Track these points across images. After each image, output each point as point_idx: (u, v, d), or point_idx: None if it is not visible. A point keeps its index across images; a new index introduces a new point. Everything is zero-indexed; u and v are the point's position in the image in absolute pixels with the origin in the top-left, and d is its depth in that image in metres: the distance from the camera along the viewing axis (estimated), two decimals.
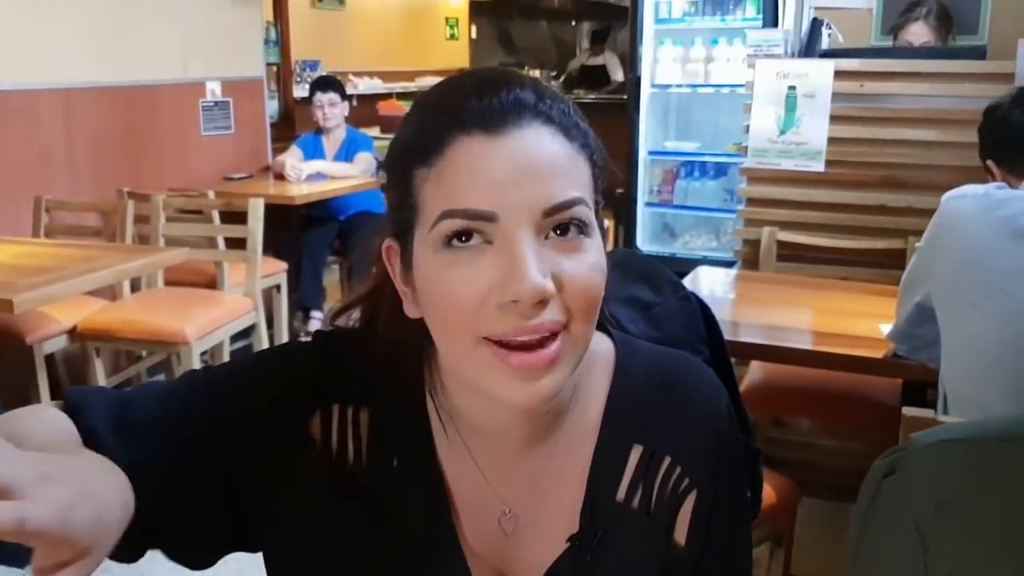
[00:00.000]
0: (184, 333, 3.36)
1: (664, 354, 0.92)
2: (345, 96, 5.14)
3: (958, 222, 1.90)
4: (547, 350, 0.73)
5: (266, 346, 3.49)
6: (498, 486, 0.86)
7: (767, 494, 1.96)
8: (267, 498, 0.85)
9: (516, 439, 0.85)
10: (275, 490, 0.85)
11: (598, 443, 0.87)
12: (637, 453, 0.87)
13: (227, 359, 3.60)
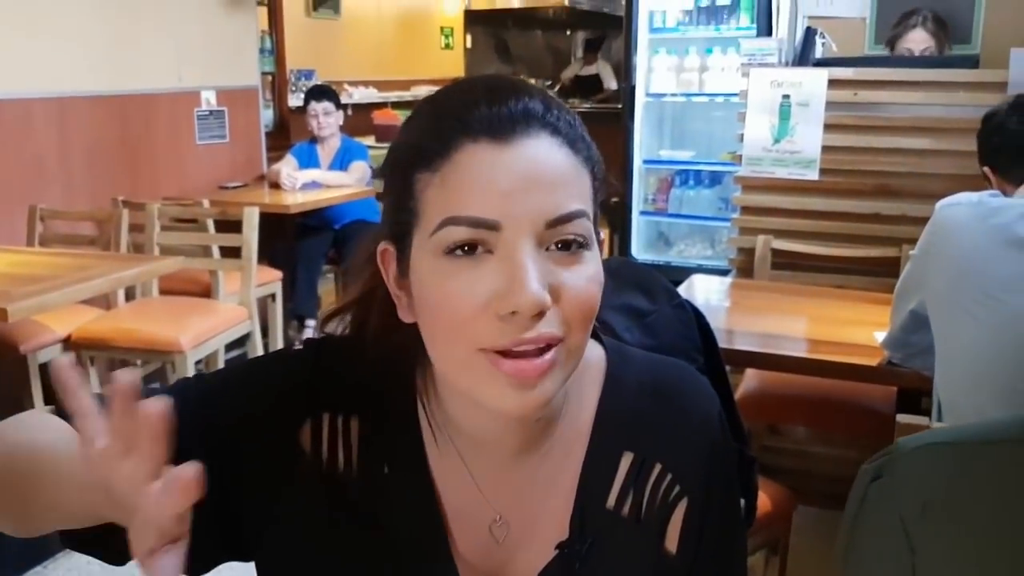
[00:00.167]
0: (179, 342, 3.35)
1: (657, 361, 0.92)
2: (340, 105, 5.15)
3: (952, 230, 1.91)
4: (542, 359, 0.73)
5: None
6: (489, 494, 0.86)
7: (762, 502, 1.96)
8: (258, 506, 0.84)
9: (508, 447, 0.85)
10: (266, 498, 0.84)
11: (588, 450, 0.87)
12: (628, 460, 0.86)
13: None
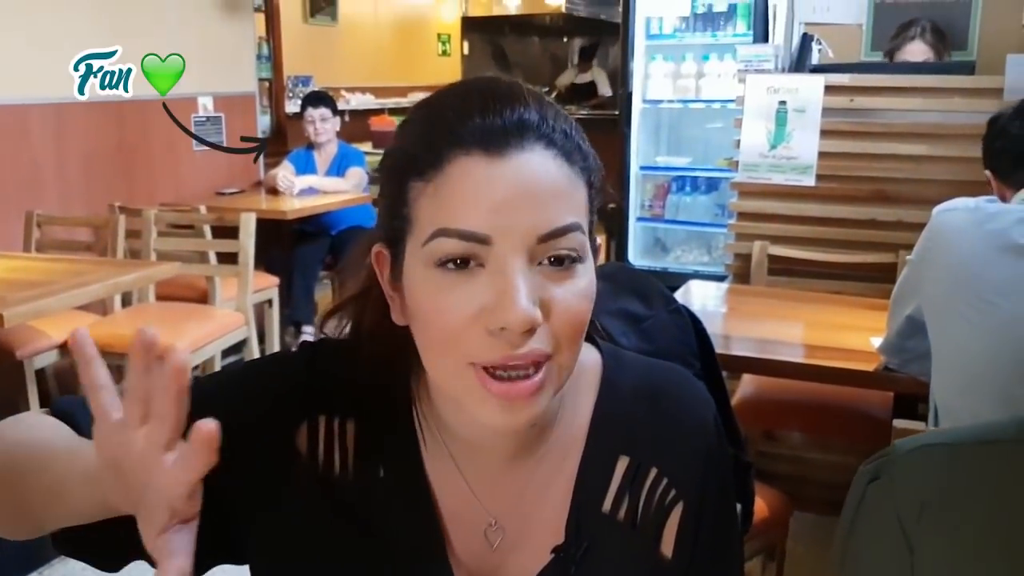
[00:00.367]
0: (175, 348, 3.34)
1: (652, 366, 0.92)
2: (336, 111, 5.16)
3: (949, 235, 1.91)
4: (530, 381, 0.73)
5: None
6: (485, 498, 0.85)
7: (759, 508, 1.95)
8: (253, 509, 0.84)
9: (502, 452, 0.85)
10: (261, 501, 0.84)
11: (584, 454, 0.86)
12: (623, 465, 0.86)
13: None
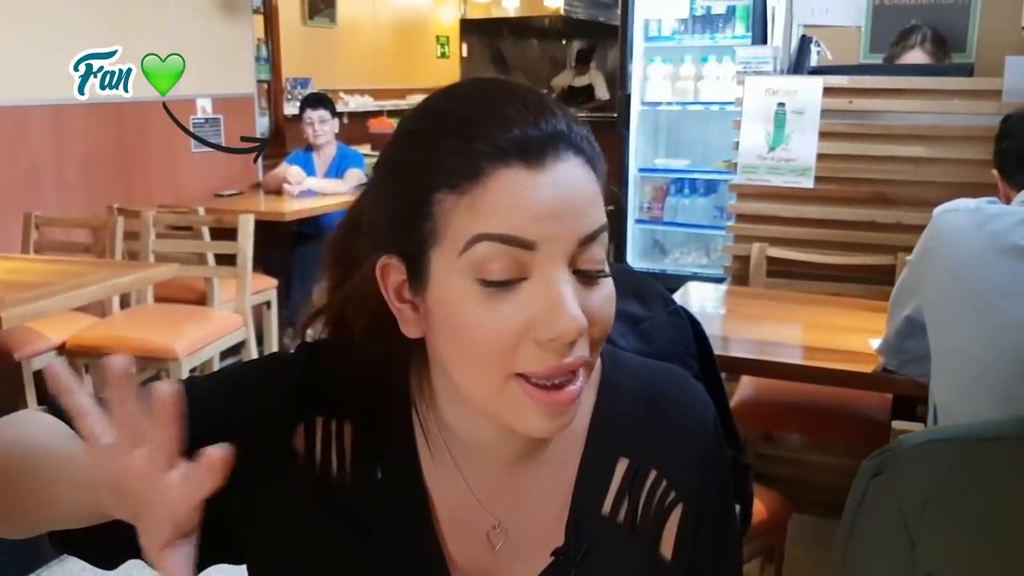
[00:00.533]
0: (174, 349, 3.34)
1: (651, 367, 0.92)
2: (335, 113, 5.15)
3: (949, 236, 1.91)
4: (573, 387, 0.74)
5: None
6: (486, 501, 0.85)
7: (757, 510, 1.96)
8: (249, 510, 0.84)
9: (505, 455, 0.84)
10: (258, 503, 0.84)
11: (584, 456, 0.86)
12: (623, 466, 0.86)
13: None
